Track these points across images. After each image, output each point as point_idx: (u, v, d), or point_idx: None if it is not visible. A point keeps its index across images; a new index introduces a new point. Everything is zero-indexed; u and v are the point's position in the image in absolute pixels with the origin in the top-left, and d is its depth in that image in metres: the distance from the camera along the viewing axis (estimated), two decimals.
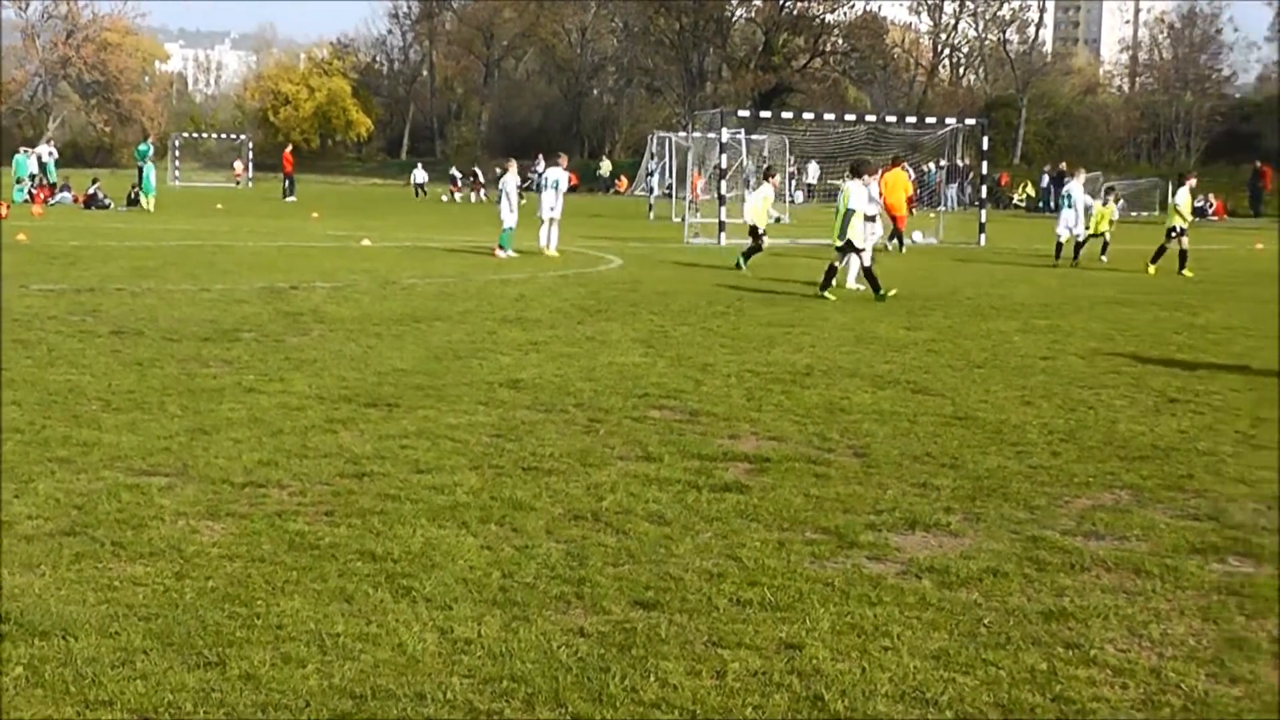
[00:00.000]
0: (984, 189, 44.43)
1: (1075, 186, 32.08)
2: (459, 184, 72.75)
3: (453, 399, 11.42)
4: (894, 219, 32.95)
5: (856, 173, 22.02)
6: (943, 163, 52.60)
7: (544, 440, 9.84)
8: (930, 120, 49.56)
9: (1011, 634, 5.90)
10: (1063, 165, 71.75)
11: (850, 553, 7.16)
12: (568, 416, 10.81)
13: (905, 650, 5.69)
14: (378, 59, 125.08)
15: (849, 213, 21.13)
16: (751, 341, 15.68)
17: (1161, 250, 28.44)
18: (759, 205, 28.52)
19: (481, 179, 72.09)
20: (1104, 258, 31.00)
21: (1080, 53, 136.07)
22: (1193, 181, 29.64)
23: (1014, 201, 72.95)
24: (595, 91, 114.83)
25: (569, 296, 20.59)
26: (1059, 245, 30.93)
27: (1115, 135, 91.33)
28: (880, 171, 27.90)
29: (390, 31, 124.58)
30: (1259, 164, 68.43)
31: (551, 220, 30.26)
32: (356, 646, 5.62)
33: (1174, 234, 28.26)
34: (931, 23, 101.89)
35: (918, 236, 38.56)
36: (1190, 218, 28.83)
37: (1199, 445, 10.14)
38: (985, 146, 44.61)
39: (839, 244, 21.40)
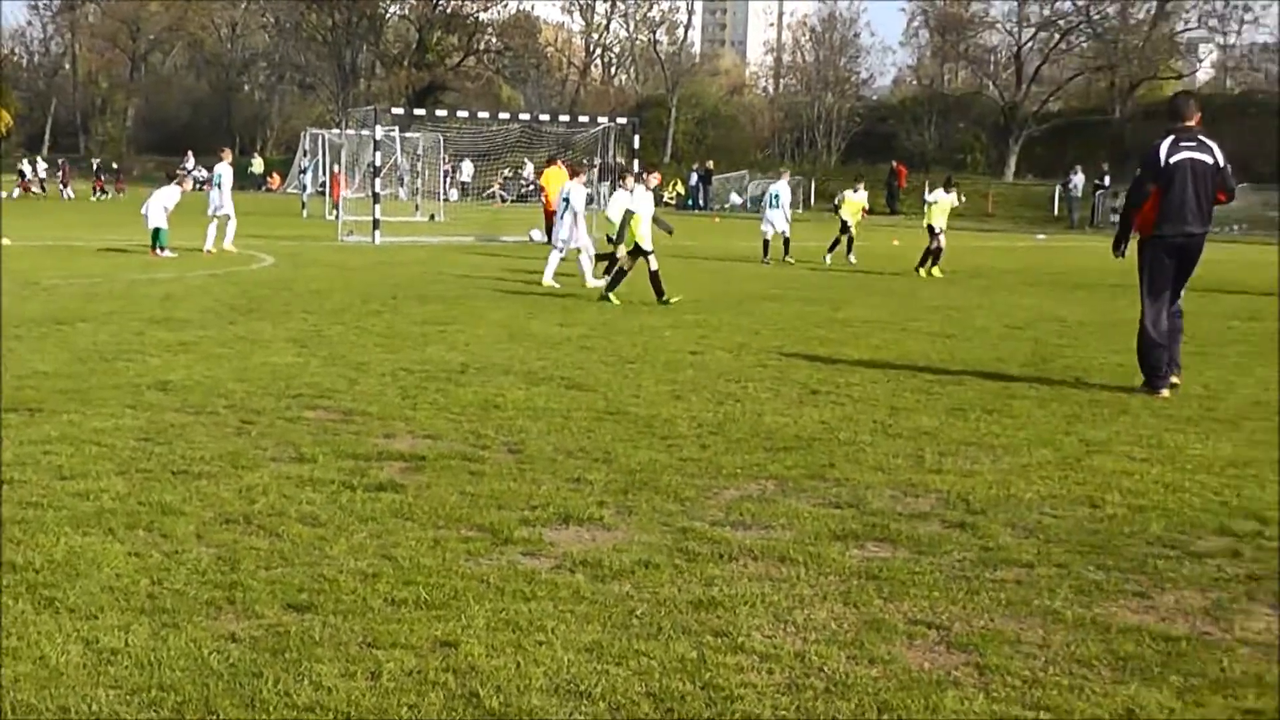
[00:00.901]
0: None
1: (782, 186, 33.77)
2: (102, 180, 70.33)
3: (98, 402, 11.06)
4: (548, 215, 33.38)
5: (637, 177, 22.26)
6: (596, 161, 53.18)
7: (194, 443, 9.62)
8: (583, 119, 50.17)
9: (663, 624, 6.02)
10: (709, 164, 73.58)
11: (505, 549, 7.19)
12: (218, 418, 10.59)
13: (559, 644, 5.75)
14: (16, 51, 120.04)
15: (628, 214, 21.16)
16: (406, 340, 15.61)
17: (929, 252, 29.11)
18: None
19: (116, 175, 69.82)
20: (852, 257, 32.05)
21: (727, 54, 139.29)
22: (952, 193, 30.44)
23: (665, 199, 74.26)
24: (246, 87, 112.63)
25: (220, 296, 20.17)
26: (766, 243, 32.19)
27: (760, 135, 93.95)
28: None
29: (30, 23, 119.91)
30: (895, 163, 71.33)
31: (216, 218, 29.93)
32: None
33: (935, 232, 28.93)
34: (584, 23, 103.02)
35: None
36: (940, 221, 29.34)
37: (839, 435, 10.51)
38: (636, 145, 45.30)
39: (629, 247, 21.23)
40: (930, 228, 29.15)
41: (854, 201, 33.40)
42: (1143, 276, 13.25)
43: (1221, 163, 13.01)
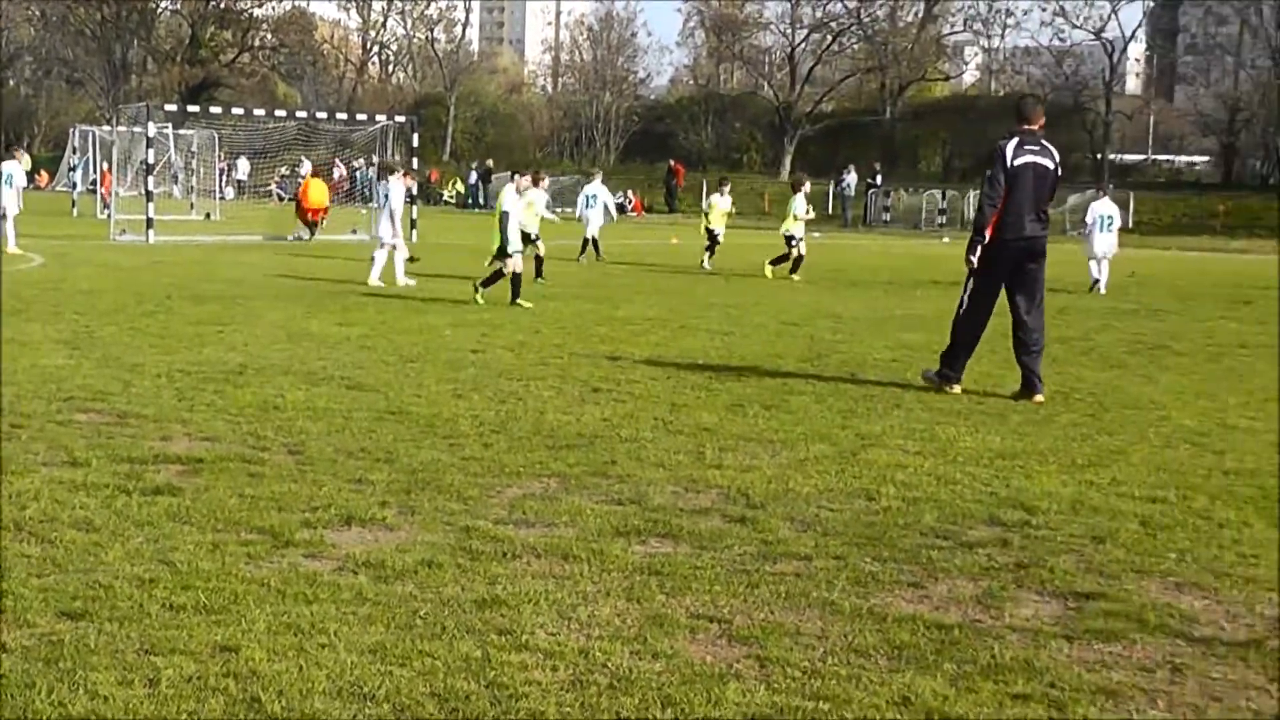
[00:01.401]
0: (416, 185, 44.84)
1: (597, 186, 34.19)
2: None
3: None
4: (309, 213, 33.45)
5: (512, 176, 22.05)
6: (375, 159, 52.74)
7: None
8: (361, 117, 49.72)
9: (447, 624, 6.00)
10: (489, 162, 73.40)
11: (286, 551, 7.10)
12: None
13: (343, 646, 5.70)
14: None
15: (504, 215, 20.91)
16: (182, 340, 15.32)
17: (784, 257, 28.68)
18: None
19: None
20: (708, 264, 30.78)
21: (505, 52, 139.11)
22: (807, 187, 30.02)
23: (444, 198, 73.94)
24: (11, 82, 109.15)
25: None
26: (590, 241, 32.45)
27: (540, 133, 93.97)
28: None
29: None
30: (672, 162, 71.99)
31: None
32: None
33: (793, 241, 28.45)
34: (360, 20, 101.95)
35: (351, 235, 38.65)
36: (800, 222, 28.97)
37: (621, 432, 10.58)
38: (416, 144, 45.05)
39: (511, 250, 20.87)
40: (789, 237, 28.57)
41: (721, 209, 31.69)
42: (968, 279, 13.21)
43: (1059, 169, 13.11)
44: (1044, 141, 13.03)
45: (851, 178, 63.90)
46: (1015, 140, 12.86)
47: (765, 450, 10.05)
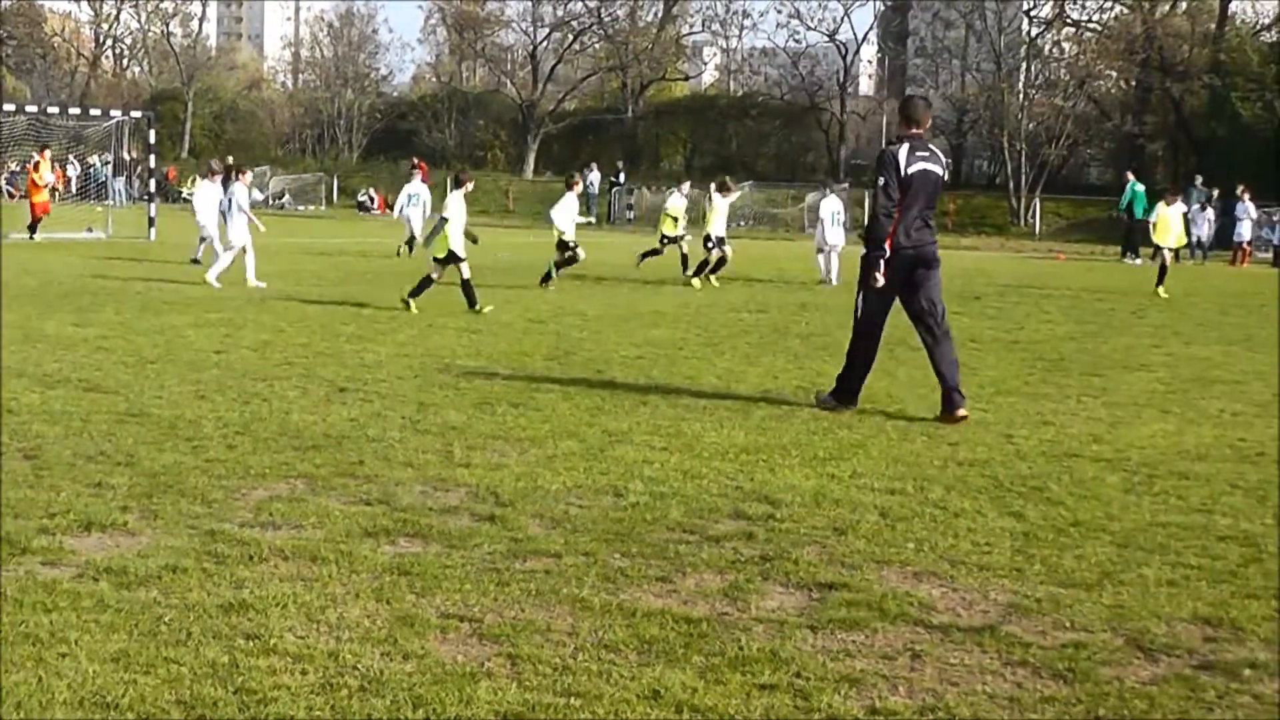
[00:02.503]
0: (152, 183, 43.84)
1: (418, 186, 34.52)
2: None
3: None
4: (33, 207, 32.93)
5: (458, 182, 21.47)
6: (108, 156, 51.34)
7: None
8: (95, 112, 48.32)
9: (192, 629, 5.89)
10: (229, 159, 71.97)
11: (23, 559, 6.90)
12: None
13: (84, 655, 5.56)
14: None
15: (443, 221, 20.50)
16: None
17: (718, 262, 27.71)
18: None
19: None
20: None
21: (244, 48, 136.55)
22: (733, 193, 29.47)
23: (183, 196, 72.21)
24: None
25: None
26: (412, 241, 32.77)
27: (280, 130, 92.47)
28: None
29: None
30: (415, 160, 71.42)
31: None
32: None
33: (710, 244, 27.57)
34: (92, 13, 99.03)
35: (87, 234, 37.63)
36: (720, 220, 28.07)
37: (368, 432, 10.50)
38: (152, 140, 43.99)
39: (440, 255, 20.48)
40: (716, 238, 27.65)
41: (675, 210, 29.41)
42: (860, 291, 12.48)
43: (945, 176, 12.67)
44: (932, 146, 12.46)
45: (595, 176, 64.22)
46: (907, 146, 12.16)
47: (514, 448, 10.07)
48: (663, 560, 7.21)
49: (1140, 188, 46.34)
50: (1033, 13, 70.58)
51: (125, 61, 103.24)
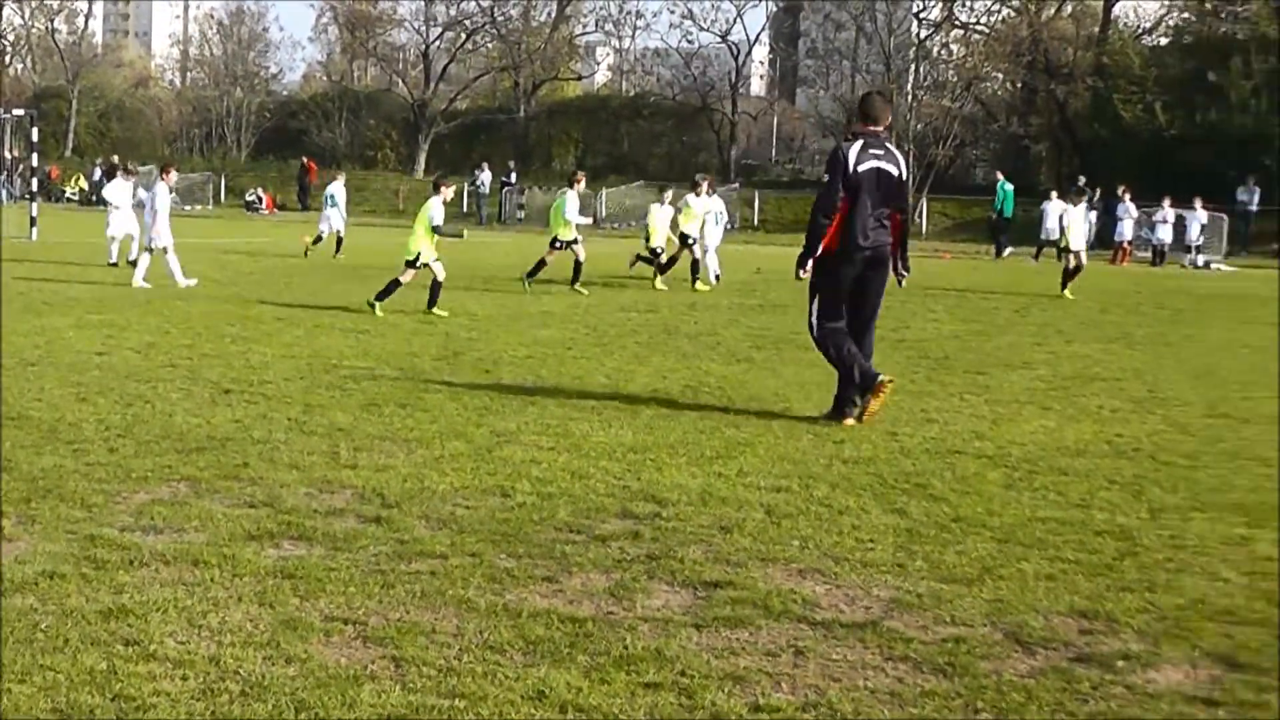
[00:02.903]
0: (35, 182, 43.19)
1: (338, 188, 35.00)
2: None
3: None
4: None
5: (436, 188, 21.33)
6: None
7: None
8: None
9: (70, 636, 5.81)
10: (114, 158, 71.09)
11: None
12: None
13: None
14: None
15: (433, 227, 20.49)
16: None
17: (663, 264, 27.27)
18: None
19: None
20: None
21: (131, 45, 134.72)
22: (706, 187, 28.62)
23: (67, 195, 71.21)
24: None
25: None
26: (321, 238, 33.67)
27: (169, 129, 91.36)
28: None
29: None
30: (305, 159, 71.03)
31: None
32: None
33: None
34: None
35: None
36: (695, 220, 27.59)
37: (253, 434, 10.41)
38: (35, 138, 43.29)
39: (410, 257, 20.51)
40: (684, 237, 27.19)
41: (661, 217, 28.10)
42: (815, 297, 12.09)
43: (905, 174, 12.10)
44: (889, 145, 12.07)
45: (486, 175, 64.07)
46: (859, 143, 11.75)
47: (401, 449, 10.03)
48: (549, 560, 7.22)
49: (1010, 187, 47.63)
50: (922, 15, 71.21)
51: (8, 58, 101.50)
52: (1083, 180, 48.77)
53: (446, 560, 7.15)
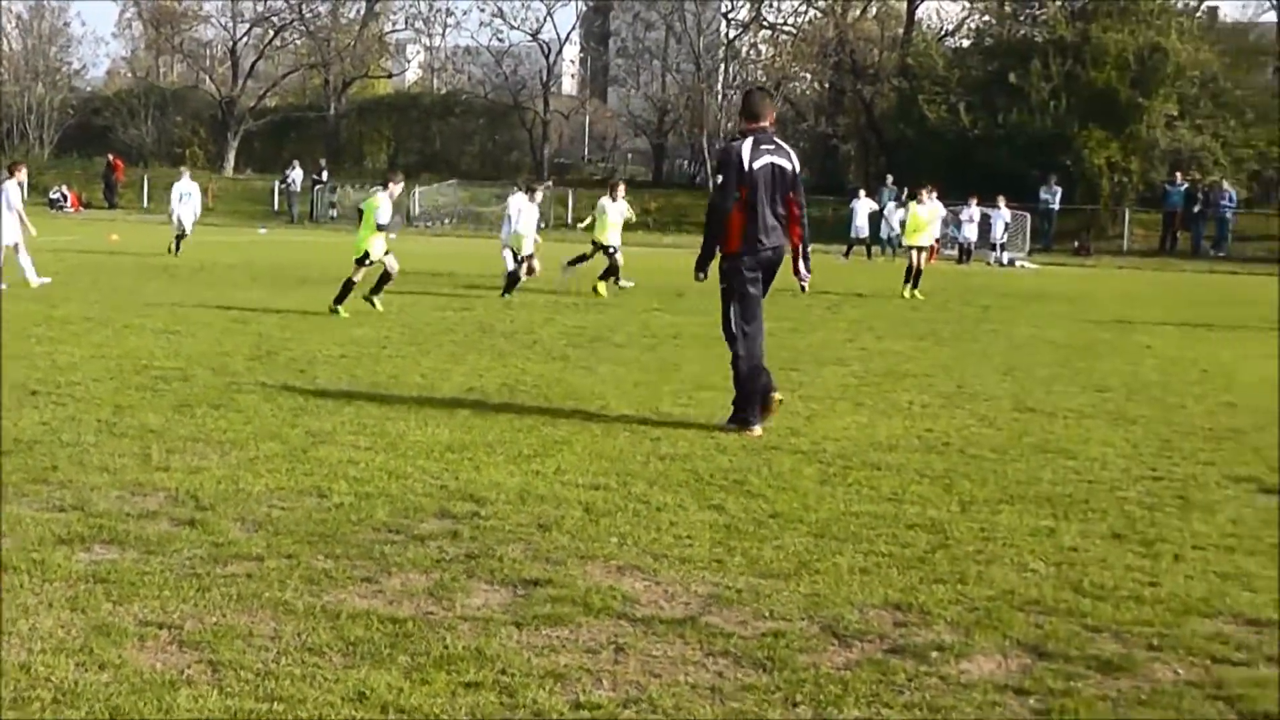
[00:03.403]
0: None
1: (187, 184, 35.86)
2: None
3: None
4: None
5: (384, 184, 21.27)
6: None
7: None
8: None
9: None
10: None
11: None
12: None
13: None
14: None
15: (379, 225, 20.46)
16: None
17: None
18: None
19: None
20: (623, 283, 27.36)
21: None
22: (622, 189, 27.83)
23: None
24: None
25: None
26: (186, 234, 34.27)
27: None
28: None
29: None
30: (111, 156, 69.58)
31: None
32: None
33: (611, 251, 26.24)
34: None
35: None
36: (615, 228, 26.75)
37: (62, 436, 10.17)
38: None
39: (357, 255, 20.72)
40: (604, 247, 26.49)
41: (613, 218, 27.20)
42: (731, 301, 11.71)
43: (797, 168, 11.84)
44: (778, 140, 11.81)
45: (297, 174, 63.31)
46: (750, 140, 11.54)
47: (214, 450, 9.89)
48: (368, 561, 7.18)
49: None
50: (730, 15, 71.91)
51: None
52: (890, 179, 49.74)
53: (263, 562, 7.07)
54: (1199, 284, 38.25)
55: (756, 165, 11.43)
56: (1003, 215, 45.66)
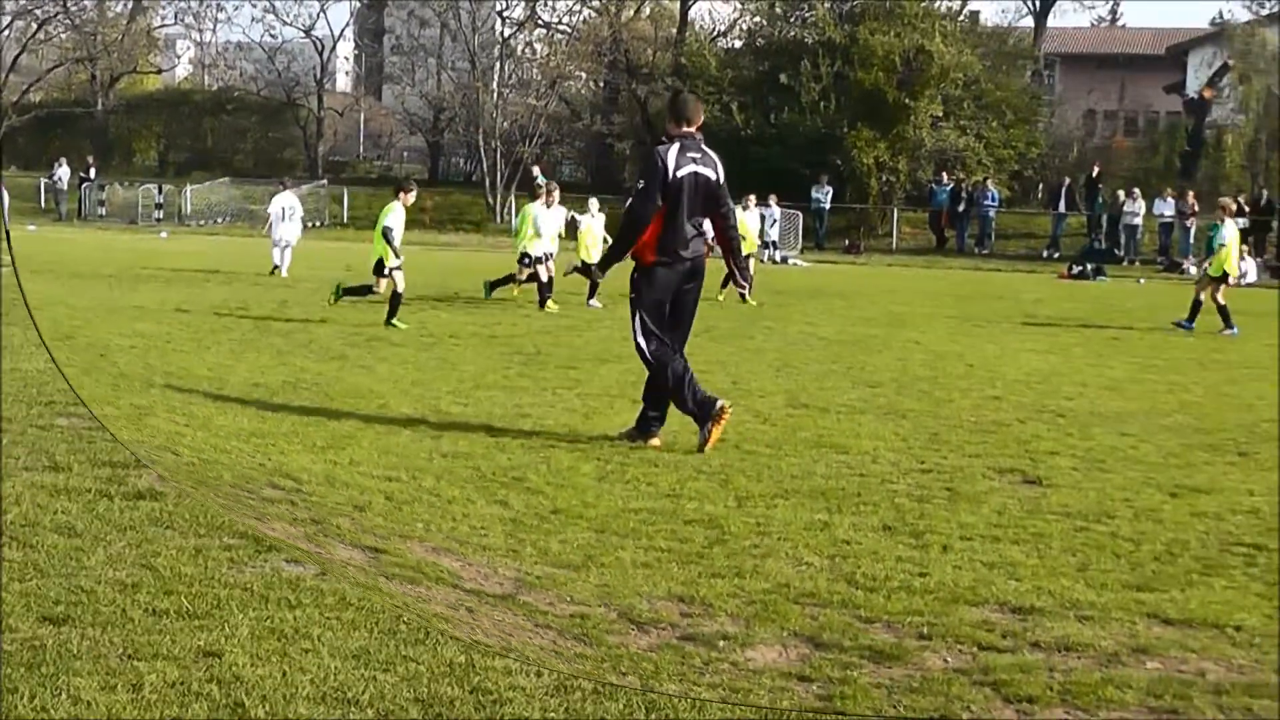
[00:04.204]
0: None
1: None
2: None
3: None
4: None
5: (396, 192, 20.48)
6: None
7: None
8: None
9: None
10: None
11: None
12: None
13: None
14: None
15: (387, 230, 20.04)
16: None
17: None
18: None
19: None
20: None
21: None
22: (557, 194, 25.65)
23: None
24: None
25: None
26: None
27: None
28: None
29: None
30: None
31: None
32: None
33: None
34: None
35: None
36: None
37: None
38: None
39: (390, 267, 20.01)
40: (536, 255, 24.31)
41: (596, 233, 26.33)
42: (638, 310, 11.28)
43: (722, 178, 11.47)
44: (705, 148, 11.39)
45: (64, 170, 61.74)
46: (676, 146, 11.14)
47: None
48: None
49: None
50: (505, 14, 71.91)
51: None
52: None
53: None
54: (965, 281, 39.38)
55: (680, 173, 11.05)
56: (774, 214, 46.45)
